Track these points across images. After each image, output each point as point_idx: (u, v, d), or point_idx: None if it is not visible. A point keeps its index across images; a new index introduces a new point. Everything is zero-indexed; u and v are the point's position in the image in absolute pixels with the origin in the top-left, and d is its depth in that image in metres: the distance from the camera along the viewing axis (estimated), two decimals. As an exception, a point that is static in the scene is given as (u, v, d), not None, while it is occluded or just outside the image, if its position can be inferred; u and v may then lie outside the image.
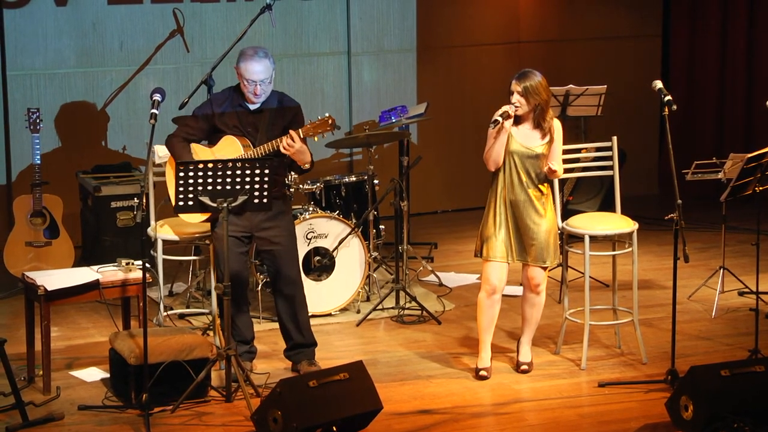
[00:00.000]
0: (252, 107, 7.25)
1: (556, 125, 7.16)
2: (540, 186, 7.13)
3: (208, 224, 7.43)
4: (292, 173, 8.41)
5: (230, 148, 7.20)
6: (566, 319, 7.67)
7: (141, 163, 9.95)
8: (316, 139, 7.13)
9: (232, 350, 6.87)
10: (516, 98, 7.04)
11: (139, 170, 9.74)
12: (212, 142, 7.33)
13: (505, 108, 7.04)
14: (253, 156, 7.12)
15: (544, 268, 7.21)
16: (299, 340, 7.37)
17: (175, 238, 7.98)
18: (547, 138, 7.11)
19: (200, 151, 7.31)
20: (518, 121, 7.11)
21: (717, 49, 11.50)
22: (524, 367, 7.35)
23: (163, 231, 8.01)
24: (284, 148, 7.03)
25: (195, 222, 7.43)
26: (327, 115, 7.09)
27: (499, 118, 7.00)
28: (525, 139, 7.10)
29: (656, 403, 6.85)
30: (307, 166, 7.19)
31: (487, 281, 7.19)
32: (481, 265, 7.25)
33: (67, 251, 8.94)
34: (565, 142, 7.33)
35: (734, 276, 8.67)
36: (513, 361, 7.52)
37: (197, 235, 8.02)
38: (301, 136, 7.04)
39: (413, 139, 10.77)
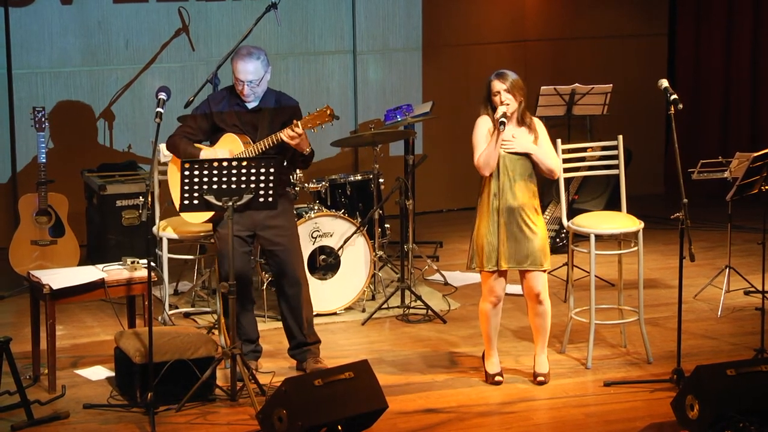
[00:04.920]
0: (250, 106, 7.26)
1: (537, 122, 7.09)
2: (532, 189, 7.04)
3: (211, 224, 7.43)
4: (297, 171, 8.42)
5: (231, 146, 7.21)
6: (571, 318, 7.66)
7: (146, 162, 9.95)
8: (315, 130, 7.13)
9: (238, 349, 6.86)
10: (505, 96, 6.93)
11: (144, 169, 9.75)
12: (212, 141, 7.34)
13: (503, 109, 6.91)
14: (253, 152, 7.13)
15: (543, 272, 7.09)
16: (302, 339, 7.38)
17: (177, 236, 8.00)
18: (532, 136, 7.02)
19: (202, 150, 7.32)
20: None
21: (723, 48, 11.49)
22: (541, 378, 7.23)
23: (165, 231, 8.03)
24: (289, 137, 7.04)
25: (197, 222, 7.43)
26: (325, 105, 7.09)
27: (505, 120, 6.89)
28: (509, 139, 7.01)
29: (662, 402, 6.85)
30: (308, 150, 7.19)
31: (492, 293, 7.10)
32: (481, 276, 7.12)
33: (73, 250, 8.94)
34: (571, 141, 7.31)
35: (740, 275, 8.65)
36: (518, 360, 7.51)
37: (202, 234, 8.03)
38: (301, 128, 7.06)
39: (419, 138, 10.76)
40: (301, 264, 7.40)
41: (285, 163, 7.33)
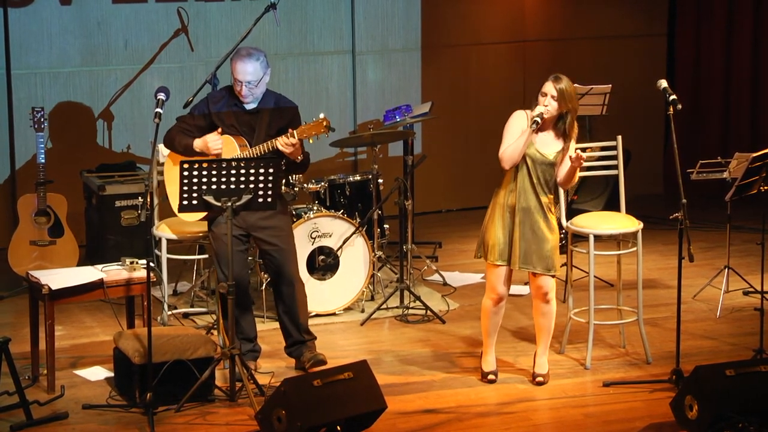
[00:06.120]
0: (248, 107, 7.27)
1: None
2: (549, 194, 7.02)
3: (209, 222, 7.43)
4: (296, 173, 8.42)
5: (227, 148, 7.21)
6: (571, 318, 7.66)
7: (145, 162, 9.95)
8: (311, 141, 7.13)
9: (236, 349, 6.86)
10: (548, 101, 6.88)
11: (144, 169, 9.74)
12: (210, 141, 7.35)
13: (540, 109, 6.85)
14: (249, 156, 7.13)
15: (553, 276, 7.09)
16: (299, 338, 7.39)
17: (174, 237, 8.01)
18: (563, 148, 6.95)
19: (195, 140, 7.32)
20: (541, 126, 6.93)
21: (723, 48, 11.49)
22: (540, 379, 7.22)
23: (160, 230, 8.03)
24: (283, 146, 7.05)
25: (192, 221, 7.42)
26: (322, 116, 7.09)
27: (539, 119, 6.83)
28: (543, 145, 6.94)
29: (661, 402, 6.85)
30: (300, 157, 7.20)
31: (494, 290, 7.10)
32: (486, 270, 7.15)
33: (72, 250, 8.94)
34: (570, 141, 7.29)
35: (739, 275, 8.65)
36: (517, 360, 7.51)
37: (201, 234, 8.03)
38: (296, 137, 7.06)
39: (418, 138, 10.76)
40: (296, 264, 7.40)
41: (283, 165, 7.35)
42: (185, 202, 6.79)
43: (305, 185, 8.56)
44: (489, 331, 7.22)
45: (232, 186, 6.76)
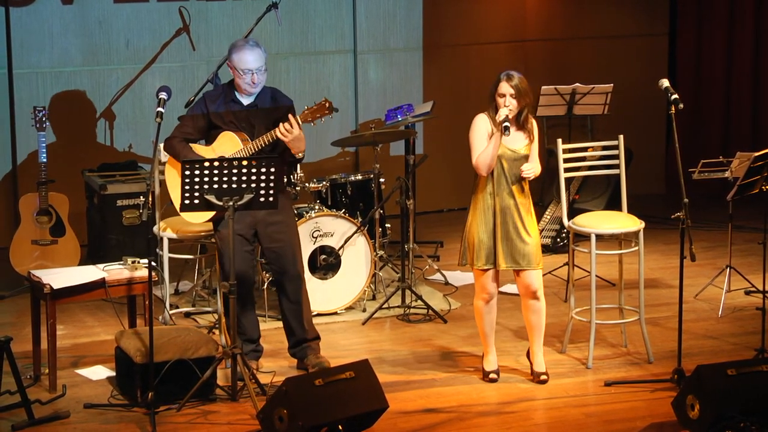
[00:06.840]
0: (246, 102, 7.26)
1: (534, 124, 7.12)
2: (527, 189, 7.07)
3: (211, 223, 7.42)
4: (299, 171, 8.42)
5: (229, 143, 7.21)
6: (572, 317, 7.66)
7: (147, 162, 9.95)
8: (314, 123, 7.13)
9: (238, 349, 6.86)
10: (509, 100, 6.95)
11: (145, 168, 9.75)
12: (209, 139, 7.33)
13: (504, 112, 6.92)
14: (252, 149, 7.13)
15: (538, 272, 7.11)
16: (302, 336, 7.38)
17: (176, 236, 8.00)
18: (528, 139, 7.04)
19: (200, 151, 7.31)
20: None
21: (724, 48, 11.48)
22: (543, 377, 7.21)
23: (165, 231, 8.03)
24: (281, 134, 7.04)
25: (198, 222, 7.42)
26: (324, 98, 7.10)
27: (508, 124, 6.89)
28: (511, 142, 7.00)
29: (662, 402, 6.85)
30: (301, 155, 7.20)
31: (484, 290, 7.13)
32: (473, 274, 7.17)
33: (73, 249, 8.94)
34: (572, 141, 7.30)
35: (741, 275, 8.65)
36: (517, 359, 7.51)
37: (203, 233, 8.02)
38: (300, 123, 7.06)
39: (419, 138, 10.76)
40: (301, 260, 7.40)
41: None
42: (187, 202, 6.79)
43: (307, 184, 8.56)
44: (486, 331, 7.23)
45: (234, 185, 6.76)
